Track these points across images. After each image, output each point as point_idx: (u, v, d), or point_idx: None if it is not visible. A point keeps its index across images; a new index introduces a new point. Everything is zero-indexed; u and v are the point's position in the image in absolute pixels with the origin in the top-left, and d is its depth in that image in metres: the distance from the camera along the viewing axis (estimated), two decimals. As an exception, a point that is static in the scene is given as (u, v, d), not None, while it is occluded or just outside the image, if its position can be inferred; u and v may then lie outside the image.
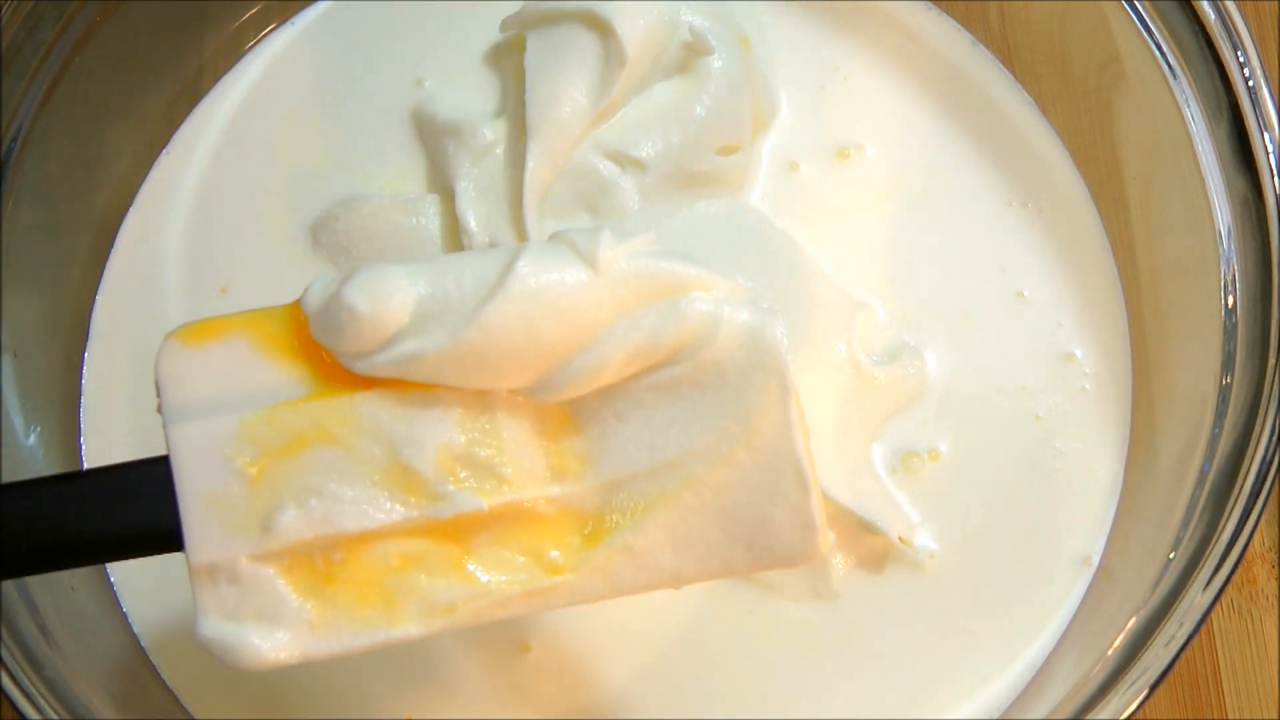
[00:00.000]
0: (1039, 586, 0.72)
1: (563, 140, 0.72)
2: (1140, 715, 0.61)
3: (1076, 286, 0.76)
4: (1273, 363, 0.65)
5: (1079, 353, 0.75)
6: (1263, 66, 0.67)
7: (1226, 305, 0.68)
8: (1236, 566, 0.62)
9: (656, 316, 0.53)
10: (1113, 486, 0.73)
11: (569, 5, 0.73)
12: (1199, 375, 0.69)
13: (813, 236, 0.76)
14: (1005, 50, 0.80)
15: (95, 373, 0.76)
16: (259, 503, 0.51)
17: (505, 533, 0.53)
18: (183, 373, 0.52)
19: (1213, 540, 0.63)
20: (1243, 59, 0.67)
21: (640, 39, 0.72)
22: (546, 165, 0.71)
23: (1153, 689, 0.61)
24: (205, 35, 0.80)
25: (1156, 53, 0.71)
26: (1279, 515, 0.78)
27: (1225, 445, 0.65)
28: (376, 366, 0.52)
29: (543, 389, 0.53)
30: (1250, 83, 0.67)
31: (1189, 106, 0.70)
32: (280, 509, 0.51)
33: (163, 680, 0.71)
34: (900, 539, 0.70)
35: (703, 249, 0.69)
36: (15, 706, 0.59)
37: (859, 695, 0.70)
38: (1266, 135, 0.66)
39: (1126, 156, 0.76)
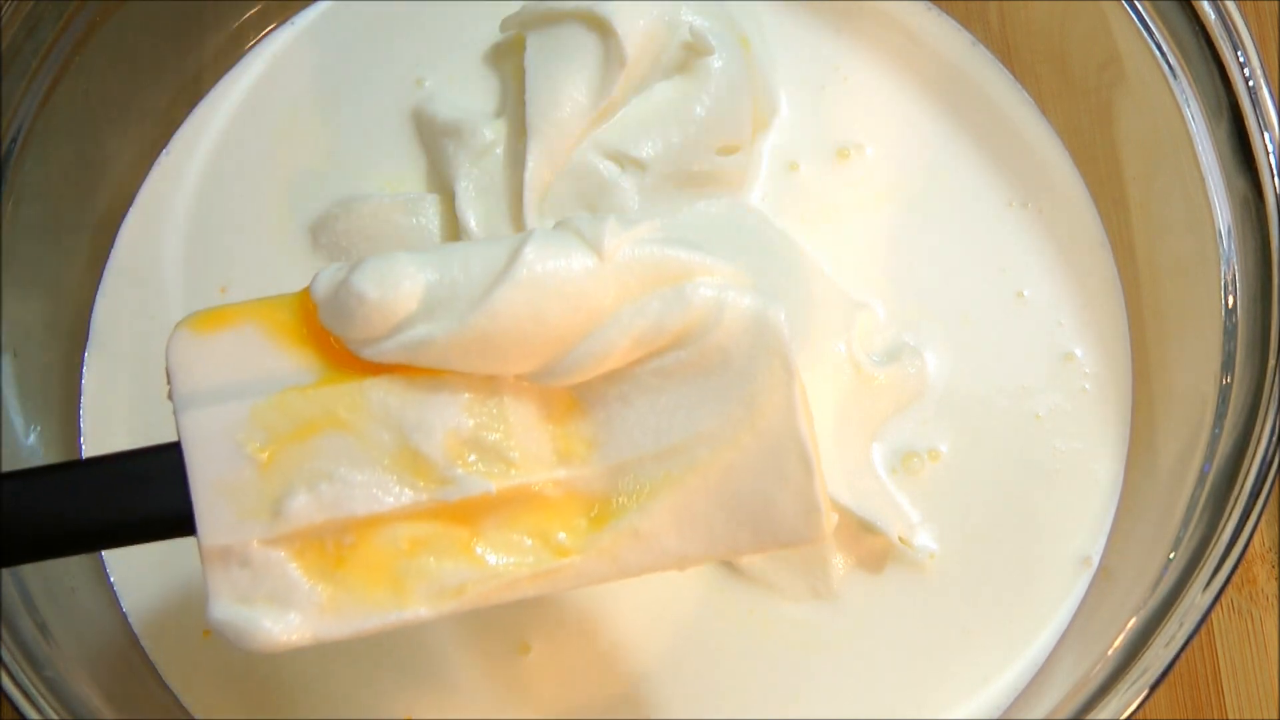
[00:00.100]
0: (1039, 586, 0.72)
1: (563, 140, 0.72)
2: (1140, 715, 0.61)
3: (1076, 286, 0.76)
4: (1273, 363, 0.65)
5: (1079, 352, 0.75)
6: (1263, 66, 0.67)
7: (1226, 305, 0.68)
8: (1236, 566, 0.62)
9: (661, 302, 0.53)
10: (1113, 486, 0.73)
11: (569, 5, 0.73)
12: (1199, 375, 0.69)
13: (813, 236, 0.76)
14: (1005, 50, 0.80)
15: (95, 373, 0.76)
16: (270, 488, 0.52)
17: (513, 516, 0.53)
18: (193, 360, 0.53)
19: (1213, 540, 0.63)
20: (1243, 59, 0.67)
21: (640, 39, 0.72)
22: (546, 165, 0.71)
23: (1153, 689, 0.61)
24: (205, 35, 0.80)
25: (1156, 53, 0.70)
26: (1279, 515, 0.78)
27: (1225, 445, 0.65)
28: (385, 353, 0.52)
29: (549, 374, 0.53)
30: (1250, 83, 0.67)
31: (1189, 106, 0.70)
32: (291, 494, 0.51)
33: (163, 680, 0.71)
34: (900, 539, 0.70)
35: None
36: (15, 706, 0.59)
37: (859, 695, 0.70)
38: (1266, 135, 0.66)
39: (1126, 156, 0.76)
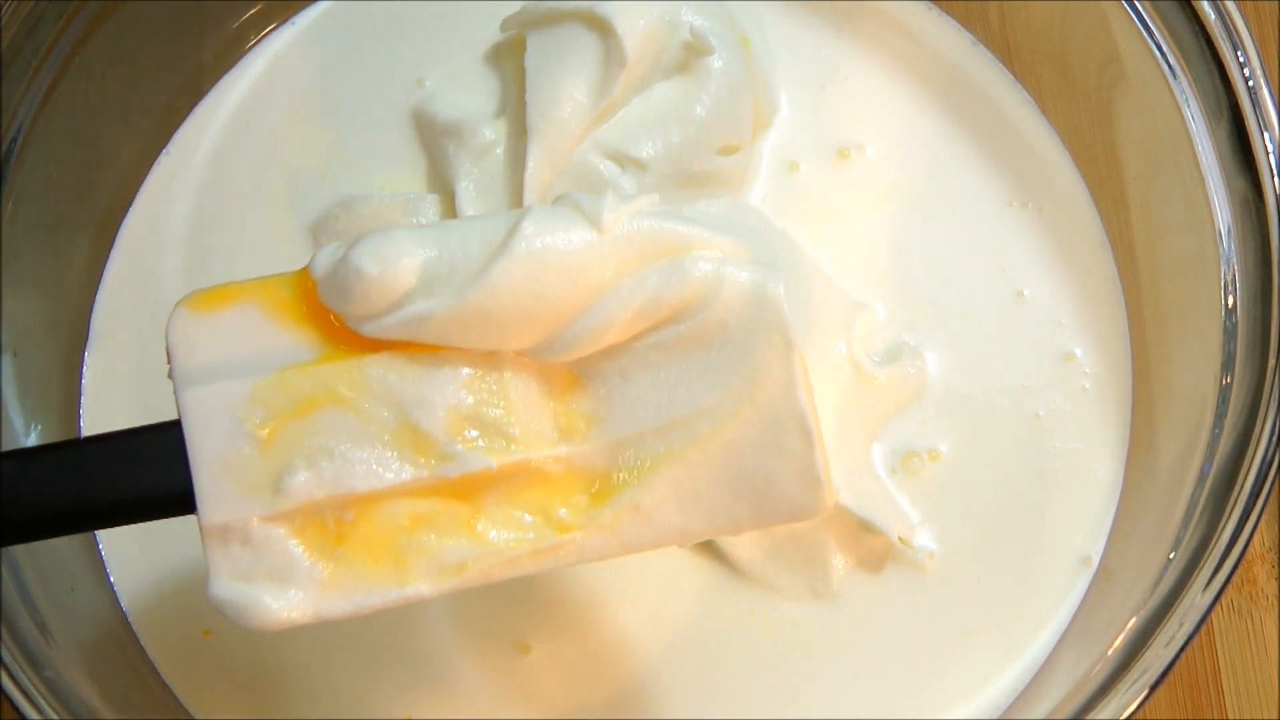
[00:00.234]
0: (1039, 586, 0.72)
1: (563, 140, 0.71)
2: (1140, 715, 0.61)
3: (1076, 286, 0.76)
4: (1273, 363, 0.65)
5: (1079, 352, 0.75)
6: (1263, 66, 0.67)
7: (1226, 305, 0.68)
8: (1236, 566, 0.62)
9: (660, 275, 0.53)
10: (1113, 486, 0.73)
11: (569, 5, 0.73)
12: (1199, 375, 0.69)
13: (813, 236, 0.76)
14: (1005, 50, 0.80)
15: (95, 373, 0.76)
16: (270, 464, 0.52)
17: (514, 492, 0.53)
18: (193, 338, 0.53)
19: (1213, 540, 0.63)
20: (1243, 59, 0.67)
21: (640, 39, 0.72)
22: (546, 165, 0.71)
23: (1153, 689, 0.61)
24: (205, 35, 0.80)
25: (1156, 53, 0.70)
26: (1279, 515, 0.78)
27: (1225, 445, 0.65)
28: (385, 329, 0.52)
29: (549, 349, 0.53)
30: (1250, 83, 0.67)
31: (1189, 106, 0.70)
32: (291, 470, 0.51)
33: (163, 680, 0.71)
34: (900, 539, 0.70)
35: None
36: (15, 706, 0.59)
37: (859, 695, 0.70)
38: (1266, 135, 0.66)
39: (1126, 156, 0.76)
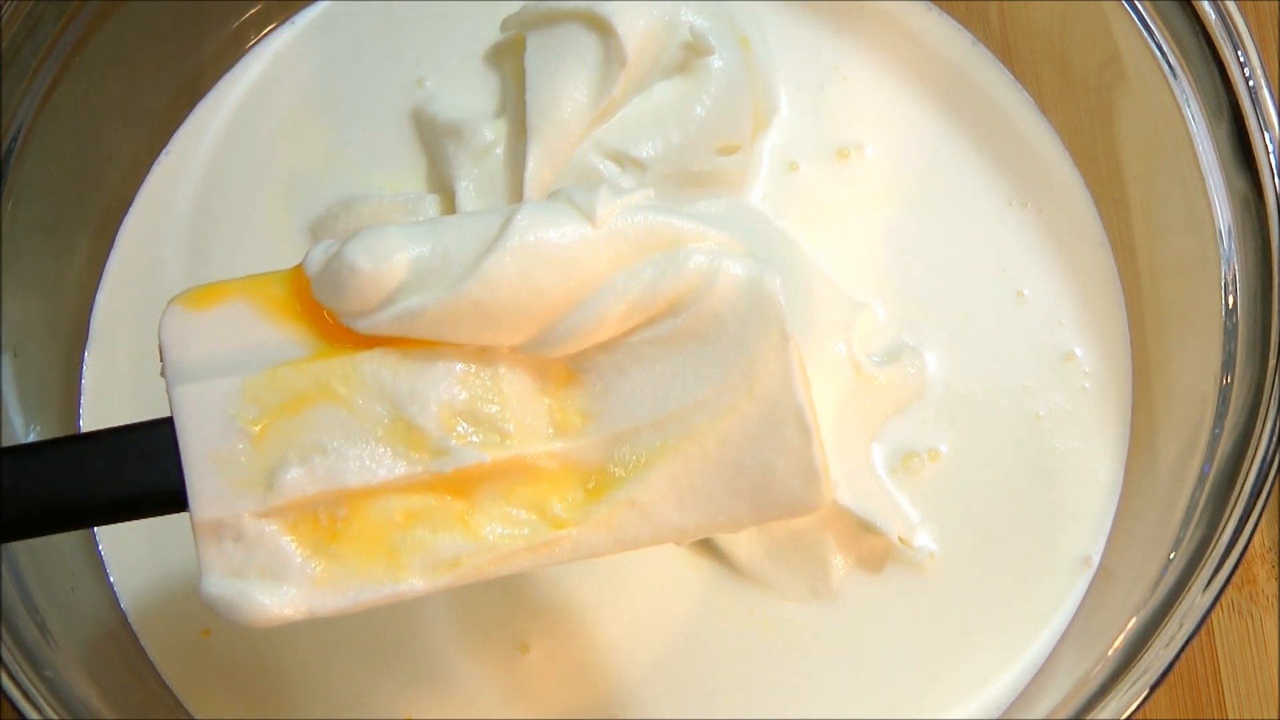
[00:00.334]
0: (1039, 586, 0.72)
1: (563, 140, 0.71)
2: (1140, 715, 0.61)
3: (1076, 286, 0.76)
4: (1273, 363, 0.65)
5: (1079, 352, 0.75)
6: (1263, 66, 0.67)
7: (1226, 305, 0.68)
8: (1237, 566, 0.62)
9: (655, 268, 0.53)
10: (1113, 486, 0.73)
11: (569, 5, 0.73)
12: (1199, 375, 0.69)
13: (813, 236, 0.76)
14: (1005, 50, 0.80)
15: (95, 373, 0.76)
16: (263, 460, 0.51)
17: (509, 488, 0.53)
18: (186, 335, 0.52)
19: (1213, 540, 0.63)
20: (1243, 59, 0.67)
21: (640, 39, 0.72)
22: (546, 165, 0.71)
23: (1153, 689, 0.61)
24: (205, 35, 0.80)
25: (1156, 53, 0.70)
26: (1279, 515, 0.78)
27: (1225, 445, 0.65)
28: (378, 324, 0.52)
29: (544, 344, 0.53)
30: (1250, 83, 0.67)
31: (1189, 106, 0.69)
32: (284, 466, 0.51)
33: (163, 680, 0.71)
34: (900, 539, 0.70)
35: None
36: (15, 706, 0.59)
37: (859, 695, 0.70)
38: (1266, 135, 0.66)
39: (1126, 156, 0.76)
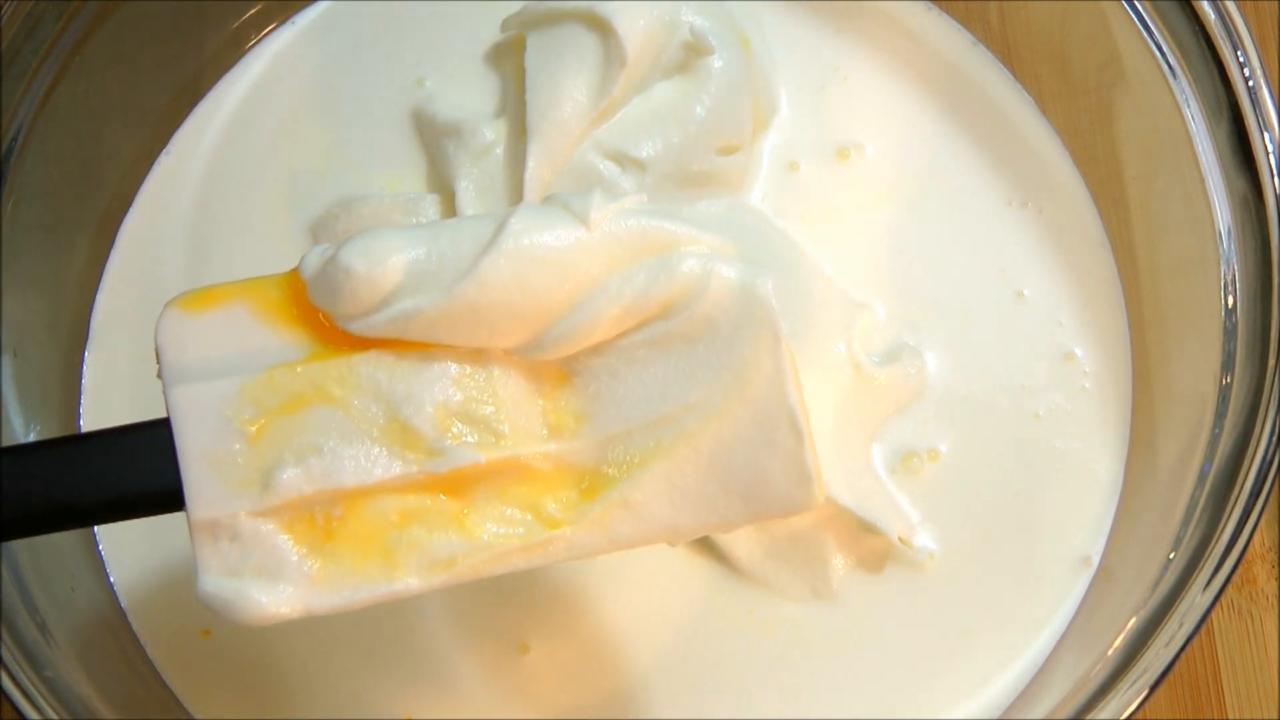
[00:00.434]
0: (1039, 586, 0.72)
1: (563, 140, 0.72)
2: (1140, 715, 0.61)
3: (1076, 286, 0.76)
4: (1273, 363, 0.65)
5: (1079, 352, 0.75)
6: (1263, 66, 0.67)
7: (1226, 305, 0.68)
8: (1236, 566, 0.62)
9: (648, 272, 0.53)
10: (1113, 486, 0.73)
11: (569, 5, 0.73)
12: (1199, 375, 0.69)
13: (813, 236, 0.76)
14: (1005, 50, 0.80)
15: (95, 373, 0.76)
16: (259, 460, 0.52)
17: (503, 488, 0.53)
18: (183, 338, 0.53)
19: (1213, 540, 0.63)
20: (1243, 59, 0.67)
21: (640, 39, 0.72)
22: (547, 165, 0.71)
23: (1153, 689, 0.61)
24: (205, 35, 0.80)
25: (1156, 53, 0.70)
26: (1279, 515, 0.78)
27: (1225, 445, 0.65)
28: (374, 326, 0.52)
29: (538, 346, 0.54)
30: (1250, 83, 0.67)
31: (1189, 106, 0.70)
32: (280, 466, 0.51)
33: (163, 680, 0.71)
34: (900, 539, 0.70)
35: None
36: (15, 706, 0.59)
37: (859, 695, 0.70)
38: (1266, 135, 0.66)
39: (1126, 156, 0.76)
